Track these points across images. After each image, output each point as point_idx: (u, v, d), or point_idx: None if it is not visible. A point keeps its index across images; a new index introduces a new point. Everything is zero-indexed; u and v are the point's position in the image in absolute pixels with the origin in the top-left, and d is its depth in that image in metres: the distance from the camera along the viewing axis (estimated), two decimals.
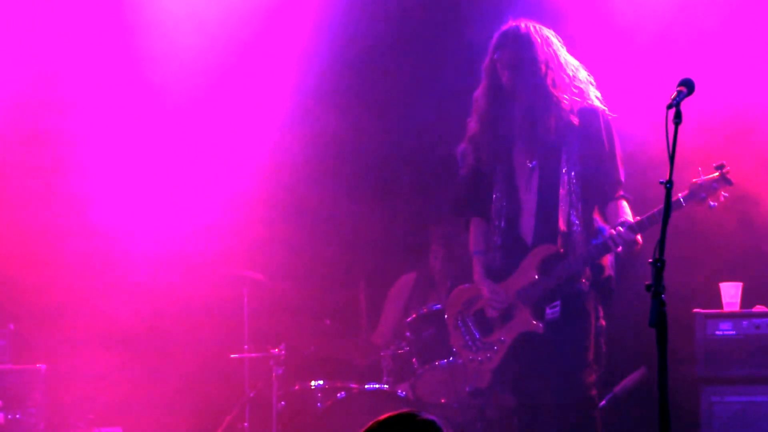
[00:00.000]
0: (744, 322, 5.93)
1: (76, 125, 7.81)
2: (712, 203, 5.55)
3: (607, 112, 5.86)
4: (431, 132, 7.73)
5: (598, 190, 5.80)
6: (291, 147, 7.98)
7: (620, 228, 5.57)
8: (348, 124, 8.05)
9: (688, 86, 4.26)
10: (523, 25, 5.87)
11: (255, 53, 7.92)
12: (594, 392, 5.77)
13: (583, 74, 5.89)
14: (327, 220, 8.05)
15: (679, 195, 5.51)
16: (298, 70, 7.92)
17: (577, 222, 5.76)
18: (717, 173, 5.56)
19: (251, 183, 7.93)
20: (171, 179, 7.91)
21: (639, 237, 5.57)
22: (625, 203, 5.76)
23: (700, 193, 5.53)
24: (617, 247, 5.58)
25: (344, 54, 7.94)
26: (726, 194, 5.57)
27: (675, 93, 4.20)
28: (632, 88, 6.69)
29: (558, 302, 5.71)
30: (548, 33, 5.88)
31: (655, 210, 5.50)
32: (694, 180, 5.56)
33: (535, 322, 5.72)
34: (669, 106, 4.15)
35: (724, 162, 5.58)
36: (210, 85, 7.84)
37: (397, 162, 8.18)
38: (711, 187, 5.54)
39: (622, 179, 5.82)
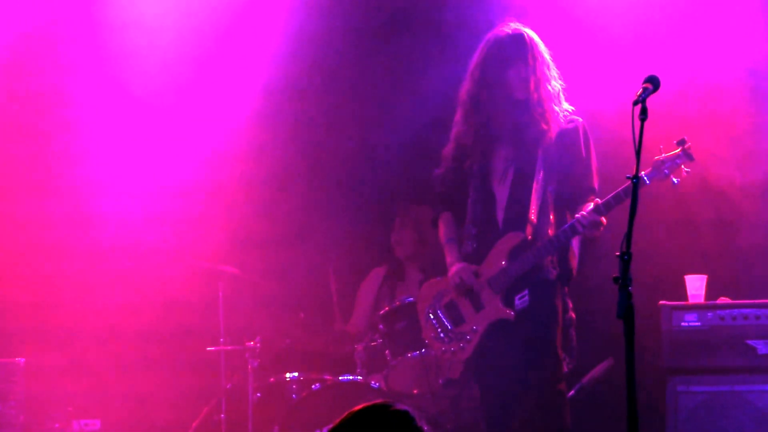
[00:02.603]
0: (709, 314, 5.96)
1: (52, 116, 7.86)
2: (675, 179, 5.55)
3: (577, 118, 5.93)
4: (399, 127, 7.79)
5: (572, 197, 5.83)
6: (263, 145, 8.02)
7: (584, 212, 5.60)
8: (318, 121, 8.11)
9: (653, 83, 4.31)
10: (521, 30, 5.87)
11: (231, 48, 7.94)
12: (562, 386, 5.81)
13: (560, 80, 5.92)
14: (299, 215, 8.10)
15: (642, 172, 5.49)
16: (270, 68, 7.95)
17: (549, 217, 5.81)
18: (679, 149, 5.55)
19: (225, 180, 7.98)
20: (146, 176, 7.93)
21: (603, 219, 5.58)
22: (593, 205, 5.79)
23: (663, 169, 5.54)
24: (584, 228, 5.59)
25: (315, 49, 7.97)
26: (688, 170, 5.56)
27: (641, 90, 4.26)
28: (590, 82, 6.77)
29: (526, 291, 5.76)
30: (536, 40, 5.89)
31: (620, 189, 5.52)
32: (656, 157, 5.55)
33: (506, 310, 5.78)
34: (635, 103, 4.21)
35: (685, 137, 5.57)
36: (184, 83, 7.85)
37: (366, 157, 8.22)
38: (673, 164, 5.54)
39: (596, 187, 5.84)
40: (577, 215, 5.65)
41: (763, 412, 5.83)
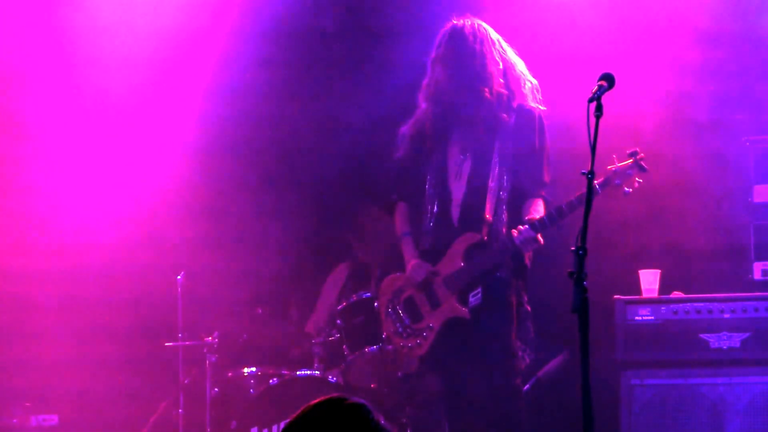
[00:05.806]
0: (662, 308, 6.02)
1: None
2: (627, 189, 5.67)
3: (541, 108, 5.98)
4: (360, 123, 7.81)
5: (524, 189, 5.91)
6: (213, 147, 8.02)
7: (521, 227, 5.70)
8: (277, 117, 8.11)
9: (608, 80, 4.35)
10: (462, 23, 5.95)
11: (179, 52, 7.91)
12: (518, 380, 5.88)
13: (521, 72, 5.98)
14: (260, 211, 8.10)
15: (595, 182, 5.55)
16: (219, 69, 7.93)
17: (504, 215, 5.87)
18: (631, 160, 5.67)
19: (192, 176, 7.98)
20: (98, 177, 7.92)
21: (539, 236, 5.69)
22: (541, 202, 5.88)
23: (614, 179, 5.65)
24: (520, 243, 5.69)
25: (269, 43, 7.99)
26: (640, 180, 5.68)
27: (596, 87, 4.29)
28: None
29: (479, 289, 5.83)
30: (490, 32, 5.96)
31: (563, 204, 5.63)
32: (609, 167, 5.64)
33: (461, 308, 5.84)
34: (590, 100, 4.24)
35: (638, 149, 5.68)
36: (133, 90, 7.81)
37: (326, 153, 8.23)
38: (625, 174, 5.66)
39: (547, 180, 5.92)
40: (512, 230, 5.73)
41: (715, 405, 5.89)
